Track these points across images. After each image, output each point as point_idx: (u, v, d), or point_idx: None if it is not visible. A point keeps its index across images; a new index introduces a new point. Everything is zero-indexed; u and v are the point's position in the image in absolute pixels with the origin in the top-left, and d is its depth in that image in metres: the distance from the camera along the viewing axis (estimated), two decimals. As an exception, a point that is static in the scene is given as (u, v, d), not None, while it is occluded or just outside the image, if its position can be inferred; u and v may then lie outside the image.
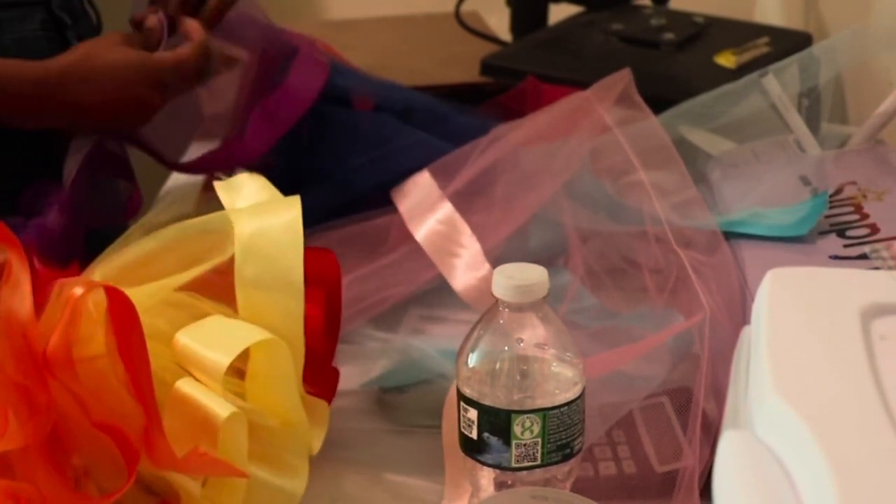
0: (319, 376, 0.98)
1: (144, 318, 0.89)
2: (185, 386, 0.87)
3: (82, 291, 0.85)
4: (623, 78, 1.19)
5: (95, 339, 0.86)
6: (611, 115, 1.15)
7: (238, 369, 0.91)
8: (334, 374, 1.02)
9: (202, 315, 0.92)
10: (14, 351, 0.83)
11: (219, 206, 0.98)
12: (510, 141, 1.18)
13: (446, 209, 1.11)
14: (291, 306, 0.91)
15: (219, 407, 0.86)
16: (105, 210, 1.22)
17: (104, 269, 0.95)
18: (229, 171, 1.03)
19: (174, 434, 0.86)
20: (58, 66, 1.12)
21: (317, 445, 0.96)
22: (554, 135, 1.18)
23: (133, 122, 1.17)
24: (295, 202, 0.94)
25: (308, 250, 0.94)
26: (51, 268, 0.95)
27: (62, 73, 1.11)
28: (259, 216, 0.93)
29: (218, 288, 0.93)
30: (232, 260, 0.92)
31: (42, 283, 0.90)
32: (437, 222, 1.11)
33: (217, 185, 0.99)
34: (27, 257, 0.91)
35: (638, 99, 1.17)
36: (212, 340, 0.88)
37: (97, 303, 0.86)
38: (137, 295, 0.92)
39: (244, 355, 0.90)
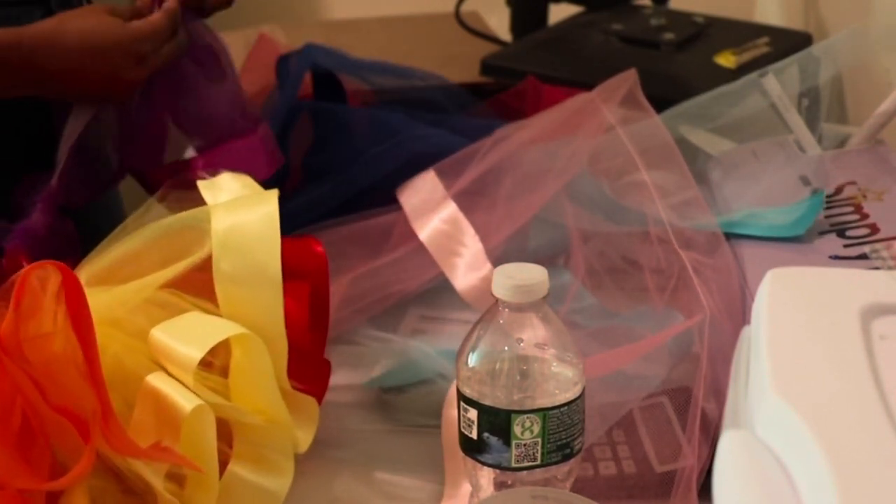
0: (308, 371, 0.97)
1: (127, 317, 0.90)
2: (154, 380, 0.87)
3: (27, 269, 0.85)
4: (628, 79, 1.19)
5: (44, 315, 0.86)
6: (615, 116, 1.15)
7: (223, 368, 0.91)
8: (325, 368, 1.01)
9: (183, 312, 0.92)
10: None
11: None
12: (515, 141, 1.18)
13: (450, 209, 1.11)
14: (270, 301, 0.91)
15: (185, 400, 0.86)
16: (96, 183, 1.21)
17: (91, 268, 0.96)
18: (213, 171, 1.01)
19: (143, 428, 0.86)
20: (30, 33, 1.09)
21: (304, 444, 0.95)
22: (559, 135, 1.18)
23: (109, 93, 1.13)
24: (272, 196, 0.94)
25: (290, 241, 0.94)
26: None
27: (34, 38, 1.09)
28: (235, 211, 0.93)
29: (200, 284, 0.93)
30: (211, 256, 0.92)
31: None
32: (440, 221, 1.11)
33: (200, 184, 0.99)
34: (20, 261, 0.92)
35: (643, 100, 1.17)
36: (186, 335, 0.88)
37: (43, 281, 0.86)
38: (120, 293, 0.93)
39: (227, 352, 0.90)
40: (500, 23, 1.76)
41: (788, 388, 0.71)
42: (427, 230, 1.11)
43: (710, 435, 0.91)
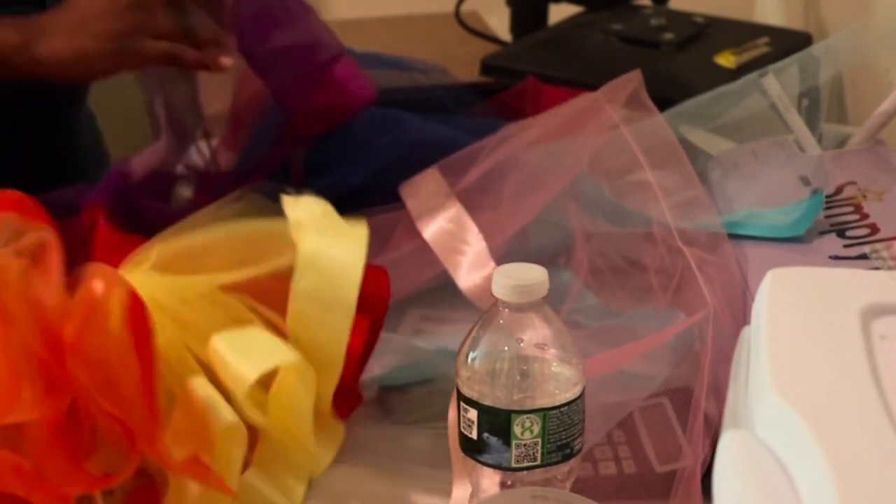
0: (342, 403, 0.98)
1: (182, 308, 0.92)
2: (196, 385, 0.88)
3: (101, 291, 0.86)
4: (633, 80, 1.18)
5: (111, 330, 0.87)
6: (619, 116, 1.15)
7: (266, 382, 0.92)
8: (356, 400, 1.02)
9: (239, 315, 0.93)
10: (37, 329, 0.85)
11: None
12: (520, 140, 1.18)
13: (454, 207, 1.11)
14: (338, 329, 0.92)
15: (222, 413, 0.87)
16: None
17: (162, 249, 0.96)
18: (298, 190, 1.03)
19: (181, 430, 0.87)
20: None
21: (321, 466, 0.96)
22: (564, 134, 1.18)
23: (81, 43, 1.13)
24: (362, 228, 0.95)
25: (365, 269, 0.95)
26: (119, 232, 1.00)
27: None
28: (325, 234, 0.94)
29: (268, 292, 0.94)
30: (284, 268, 0.93)
31: (111, 246, 0.96)
32: (444, 220, 1.11)
33: (285, 198, 0.99)
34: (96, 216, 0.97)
35: (647, 101, 1.16)
36: (245, 351, 0.89)
37: (117, 296, 0.87)
38: (184, 284, 0.94)
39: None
40: (500, 23, 1.76)
41: (788, 388, 0.71)
42: (431, 229, 1.11)
43: (711, 435, 0.91)
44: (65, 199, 1.10)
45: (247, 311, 0.94)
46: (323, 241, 0.93)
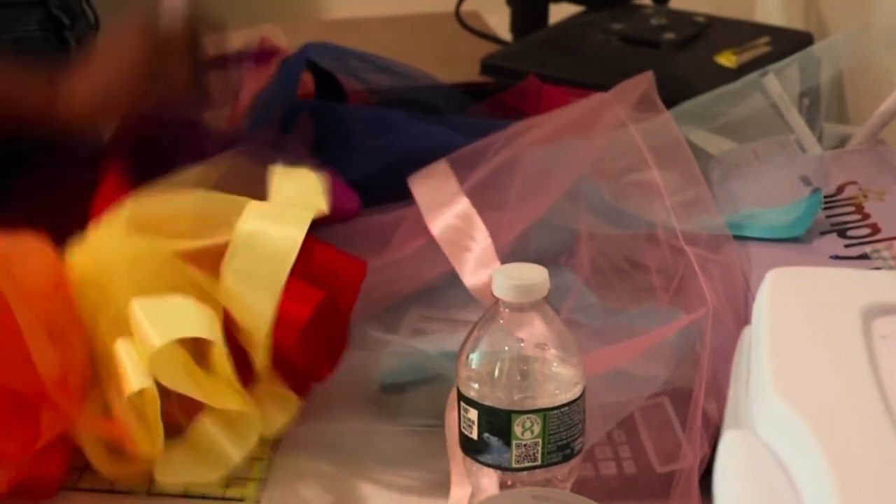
0: (296, 378, 0.99)
1: (138, 273, 0.96)
2: (118, 347, 0.93)
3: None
4: (644, 81, 1.18)
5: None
6: (630, 118, 1.15)
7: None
8: (313, 377, 1.02)
9: (180, 283, 0.96)
10: None
11: None
12: (528, 139, 1.17)
13: (463, 204, 1.10)
14: (262, 311, 0.95)
15: (132, 374, 0.91)
16: None
17: (138, 209, 0.99)
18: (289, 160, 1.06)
19: (116, 390, 0.93)
20: None
21: (274, 428, 0.97)
22: (572, 134, 1.17)
23: None
24: (305, 219, 0.97)
25: (338, 253, 1.00)
26: (122, 184, 1.04)
27: None
28: (266, 219, 0.97)
29: (217, 261, 0.97)
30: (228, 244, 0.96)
31: (108, 199, 1.01)
32: (453, 217, 1.10)
33: (274, 170, 1.02)
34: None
35: (658, 102, 1.16)
36: (160, 318, 0.93)
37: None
38: (142, 248, 0.97)
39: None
40: (500, 23, 1.76)
41: (790, 388, 0.71)
42: (439, 224, 1.10)
43: (711, 435, 0.91)
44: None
45: (190, 280, 0.96)
46: (261, 224, 0.97)
